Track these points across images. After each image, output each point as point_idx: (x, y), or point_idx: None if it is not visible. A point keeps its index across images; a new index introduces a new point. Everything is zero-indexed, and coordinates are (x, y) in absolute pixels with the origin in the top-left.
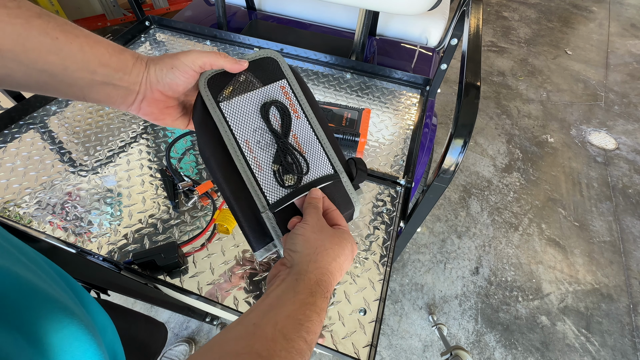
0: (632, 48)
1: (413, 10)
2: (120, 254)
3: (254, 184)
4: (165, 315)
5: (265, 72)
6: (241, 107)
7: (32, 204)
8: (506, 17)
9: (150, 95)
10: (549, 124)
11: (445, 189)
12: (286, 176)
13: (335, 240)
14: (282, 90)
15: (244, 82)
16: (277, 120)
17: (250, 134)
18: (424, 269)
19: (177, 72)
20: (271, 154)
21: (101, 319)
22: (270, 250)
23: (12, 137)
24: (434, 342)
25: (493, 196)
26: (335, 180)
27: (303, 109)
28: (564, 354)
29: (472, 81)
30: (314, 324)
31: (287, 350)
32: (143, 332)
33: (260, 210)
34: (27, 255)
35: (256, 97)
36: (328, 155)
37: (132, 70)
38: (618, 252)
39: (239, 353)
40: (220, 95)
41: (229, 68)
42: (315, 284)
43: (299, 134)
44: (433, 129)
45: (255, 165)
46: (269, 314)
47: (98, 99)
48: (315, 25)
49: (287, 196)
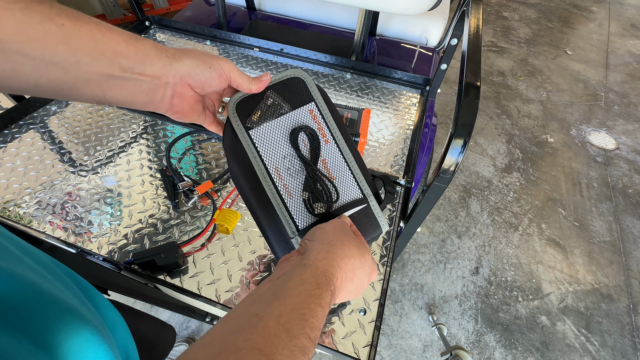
0: (632, 48)
1: (413, 10)
2: (120, 254)
3: (283, 211)
4: (165, 315)
5: (293, 93)
6: (270, 133)
7: (32, 204)
8: (506, 17)
9: (180, 89)
10: (549, 124)
11: (445, 189)
12: (316, 204)
13: (354, 243)
14: (311, 114)
15: (272, 106)
16: (306, 145)
17: (280, 161)
18: (424, 269)
19: (214, 73)
20: (301, 181)
21: (112, 316)
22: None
23: (12, 137)
24: (434, 342)
25: (493, 196)
26: (364, 208)
27: (332, 132)
28: (564, 354)
29: (472, 81)
30: (318, 319)
31: (290, 349)
32: (151, 332)
33: (290, 236)
34: (34, 258)
35: (285, 122)
36: (357, 179)
37: (154, 62)
38: (618, 252)
39: (240, 348)
40: (249, 121)
41: (254, 90)
42: (322, 274)
43: (328, 159)
44: (433, 129)
45: (285, 192)
46: (272, 304)
47: (120, 98)
48: (315, 25)
49: (317, 222)
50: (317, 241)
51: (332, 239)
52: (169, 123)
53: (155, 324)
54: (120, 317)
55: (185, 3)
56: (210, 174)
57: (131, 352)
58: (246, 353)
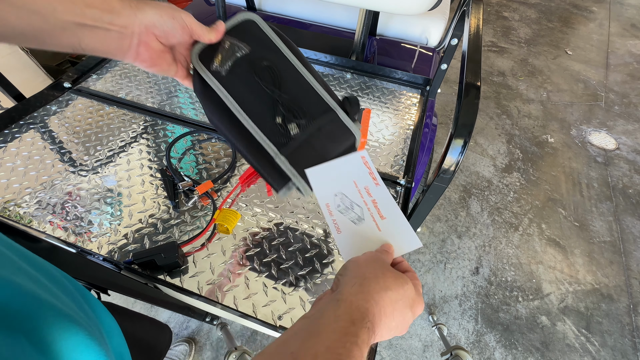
0: (632, 48)
1: (413, 10)
2: (120, 254)
3: (262, 135)
4: (165, 315)
5: (248, 34)
6: (234, 71)
7: (33, 204)
8: (506, 17)
9: (145, 38)
10: (549, 124)
11: (445, 189)
12: (290, 125)
13: (391, 275)
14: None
15: (231, 48)
16: (269, 75)
17: (248, 93)
18: (424, 269)
19: (177, 24)
20: (271, 108)
21: (108, 323)
22: (291, 188)
23: (13, 136)
24: (434, 342)
25: (493, 196)
26: (333, 118)
27: (290, 60)
28: (564, 354)
29: (472, 81)
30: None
31: None
32: (148, 334)
33: (273, 157)
34: (31, 263)
35: (245, 58)
36: (322, 96)
37: (120, 12)
38: (618, 252)
39: None
40: (213, 65)
41: (214, 39)
42: (356, 309)
43: (290, 82)
44: (433, 129)
45: (260, 120)
46: (307, 342)
47: (94, 46)
48: (316, 25)
49: (295, 140)
50: (350, 275)
51: (365, 272)
52: (170, 123)
53: (151, 325)
54: (115, 323)
55: (185, 3)
56: (210, 173)
57: (125, 357)
58: None
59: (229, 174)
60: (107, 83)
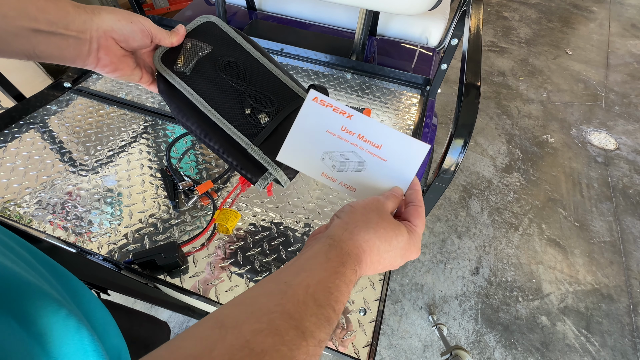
0: (632, 48)
1: (413, 10)
2: (120, 254)
3: (232, 129)
4: (165, 315)
5: (209, 35)
6: (198, 70)
7: (33, 204)
8: (506, 17)
9: (105, 43)
10: (549, 124)
11: (446, 189)
12: (259, 115)
13: (384, 225)
14: (230, 45)
15: (193, 49)
16: (234, 70)
17: (214, 89)
18: (424, 269)
19: (136, 28)
20: (239, 101)
21: (103, 317)
22: (268, 178)
23: (13, 136)
24: (434, 342)
25: (493, 196)
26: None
27: (253, 55)
28: (564, 354)
29: (472, 81)
30: (342, 294)
31: (317, 316)
32: (145, 331)
33: (245, 148)
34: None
35: (208, 57)
36: (288, 85)
37: (75, 17)
38: (618, 253)
39: (271, 310)
40: (176, 66)
41: (175, 42)
42: (346, 254)
43: (256, 75)
44: (433, 129)
45: (229, 113)
46: (300, 274)
47: (50, 53)
48: (316, 25)
49: (266, 129)
50: (344, 219)
51: (358, 218)
52: (170, 123)
53: (148, 322)
54: (111, 318)
55: (185, 3)
56: (211, 173)
57: (123, 353)
58: (278, 316)
59: (229, 174)
60: (107, 83)
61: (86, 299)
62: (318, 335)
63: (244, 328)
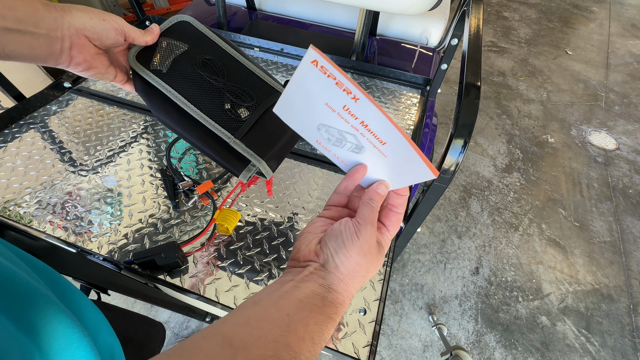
0: (632, 48)
1: (413, 10)
2: (120, 254)
3: (213, 124)
4: (165, 315)
5: (184, 34)
6: (175, 68)
7: (33, 204)
8: (506, 17)
9: (77, 41)
10: (550, 124)
11: (446, 189)
12: (239, 110)
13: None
14: (206, 43)
15: (168, 47)
16: (211, 67)
17: (192, 86)
18: (424, 269)
19: (109, 25)
20: (218, 96)
21: (94, 317)
22: (251, 170)
23: (13, 136)
24: (434, 342)
25: (493, 196)
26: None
27: (229, 52)
28: (564, 354)
29: (472, 81)
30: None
31: (310, 352)
32: (140, 332)
33: (228, 142)
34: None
35: (185, 55)
36: (265, 80)
37: (45, 15)
38: (618, 253)
39: (276, 340)
40: (152, 64)
41: (149, 41)
42: (340, 304)
43: (233, 71)
44: (433, 129)
45: (209, 109)
46: (301, 312)
47: (20, 52)
48: (316, 25)
49: (247, 122)
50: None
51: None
52: None
53: (144, 323)
54: (104, 318)
55: (185, 3)
56: (211, 173)
57: (116, 351)
58: (281, 346)
59: (229, 174)
60: (107, 83)
61: (75, 299)
62: None
63: (252, 352)
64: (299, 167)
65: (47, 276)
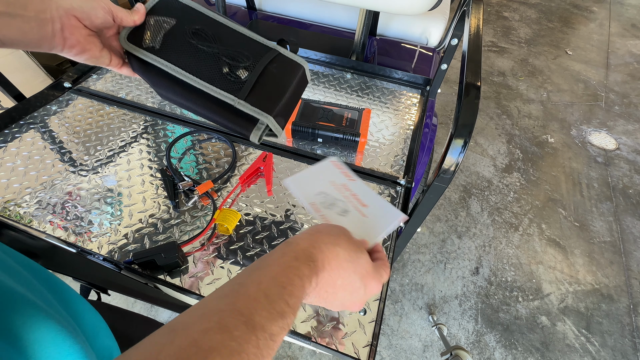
0: (632, 48)
1: (413, 10)
2: (120, 254)
3: (215, 89)
4: (165, 315)
5: (169, 9)
6: (167, 42)
7: (33, 204)
8: (506, 17)
9: (68, 22)
10: (550, 124)
11: (445, 189)
12: (238, 71)
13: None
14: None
15: (157, 24)
16: (203, 35)
17: (188, 56)
18: (424, 269)
19: (97, 4)
20: (215, 62)
21: (92, 319)
22: (260, 128)
23: (13, 136)
24: (434, 342)
25: (493, 196)
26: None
27: (218, 20)
28: (564, 354)
29: (472, 81)
30: (296, 287)
31: (268, 311)
32: (142, 333)
33: (232, 104)
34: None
35: (175, 29)
36: (259, 41)
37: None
38: (618, 253)
39: (222, 310)
40: (144, 42)
41: (137, 20)
42: (301, 250)
43: (226, 36)
44: (433, 129)
45: (208, 76)
46: (254, 273)
47: (11, 36)
48: (316, 25)
49: (248, 82)
50: (306, 231)
51: (320, 228)
52: (170, 123)
53: (145, 324)
54: (103, 321)
55: None
56: (211, 173)
57: (115, 353)
58: (227, 314)
59: (229, 174)
60: (107, 83)
61: (73, 302)
62: (269, 328)
63: (192, 329)
64: (299, 167)
65: (44, 280)
